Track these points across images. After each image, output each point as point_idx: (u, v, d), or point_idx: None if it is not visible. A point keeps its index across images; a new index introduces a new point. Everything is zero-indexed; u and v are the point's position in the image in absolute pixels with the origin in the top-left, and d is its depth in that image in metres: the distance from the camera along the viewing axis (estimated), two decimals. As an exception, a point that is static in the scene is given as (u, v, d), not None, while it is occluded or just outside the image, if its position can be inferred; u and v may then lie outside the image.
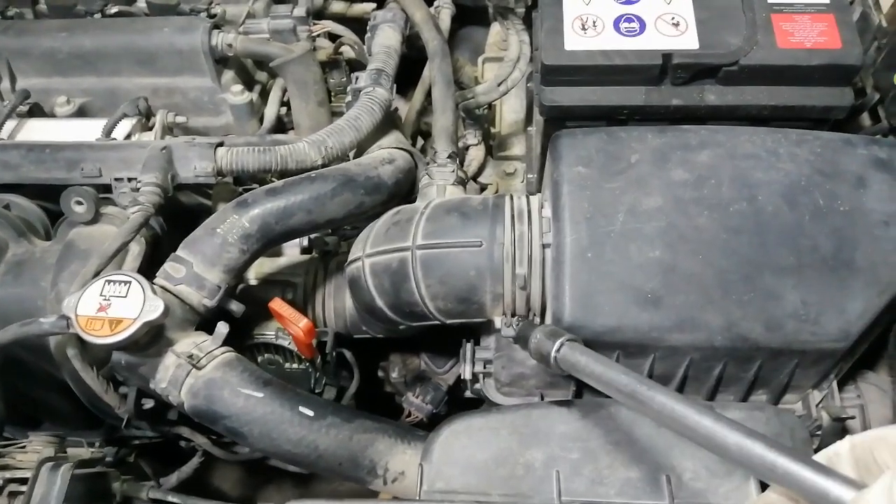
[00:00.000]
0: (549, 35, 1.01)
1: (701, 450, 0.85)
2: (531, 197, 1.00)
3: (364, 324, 1.19)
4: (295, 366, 1.21)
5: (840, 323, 0.86)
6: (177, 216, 1.18)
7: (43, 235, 1.15)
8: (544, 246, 0.93)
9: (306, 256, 1.28)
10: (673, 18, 1.01)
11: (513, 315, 0.95)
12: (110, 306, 0.88)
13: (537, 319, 0.96)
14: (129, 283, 0.90)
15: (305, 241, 1.26)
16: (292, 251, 1.28)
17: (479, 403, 1.15)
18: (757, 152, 0.93)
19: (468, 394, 1.16)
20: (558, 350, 0.77)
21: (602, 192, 0.91)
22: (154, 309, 0.88)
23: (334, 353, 1.18)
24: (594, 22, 1.02)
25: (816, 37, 0.99)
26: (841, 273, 0.87)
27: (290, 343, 1.17)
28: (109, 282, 0.90)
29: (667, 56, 0.98)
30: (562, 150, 0.96)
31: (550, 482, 0.84)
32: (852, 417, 0.97)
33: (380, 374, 1.35)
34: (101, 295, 0.89)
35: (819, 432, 0.97)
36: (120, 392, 1.06)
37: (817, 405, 0.97)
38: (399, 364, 1.32)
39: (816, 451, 0.92)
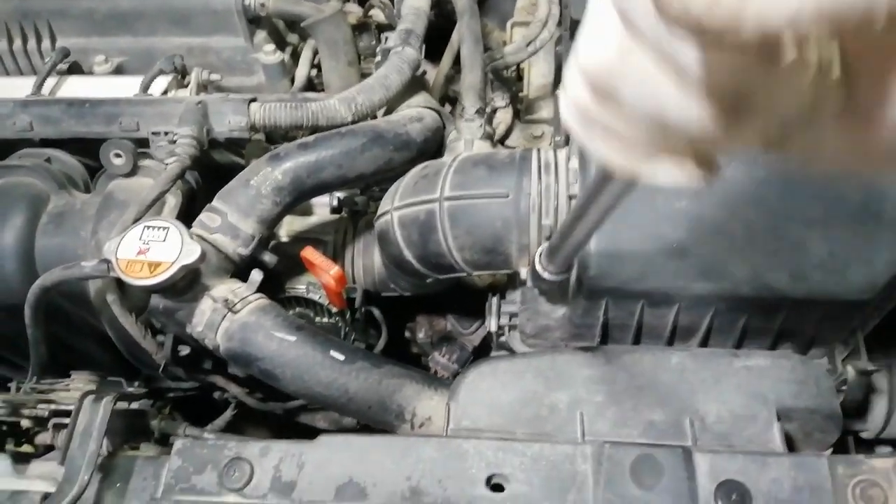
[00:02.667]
0: (579, -10, 1.02)
1: (725, 393, 0.87)
2: (558, 150, 1.01)
3: (392, 279, 1.21)
4: (325, 320, 1.24)
5: (866, 274, 0.86)
6: (211, 174, 1.21)
7: (83, 189, 1.18)
8: (571, 197, 0.94)
9: (336, 216, 1.30)
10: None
11: (538, 265, 0.96)
12: (149, 250, 0.91)
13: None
14: (168, 228, 0.93)
15: (335, 201, 1.29)
16: (322, 210, 1.31)
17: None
18: (786, 105, 0.93)
19: (494, 352, 1.18)
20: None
21: (630, 144, 0.92)
22: (191, 252, 0.91)
23: (363, 310, 1.20)
24: (624, -23, 1.02)
25: None
26: (868, 225, 0.86)
27: (320, 297, 1.19)
28: (148, 227, 0.93)
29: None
30: (591, 102, 0.96)
31: (574, 423, 0.85)
32: (878, 370, 0.97)
33: (406, 334, 1.37)
34: (140, 239, 0.92)
35: (844, 387, 0.97)
36: (157, 340, 1.09)
37: (843, 360, 0.97)
38: (425, 325, 1.35)
39: (841, 405, 0.94)
